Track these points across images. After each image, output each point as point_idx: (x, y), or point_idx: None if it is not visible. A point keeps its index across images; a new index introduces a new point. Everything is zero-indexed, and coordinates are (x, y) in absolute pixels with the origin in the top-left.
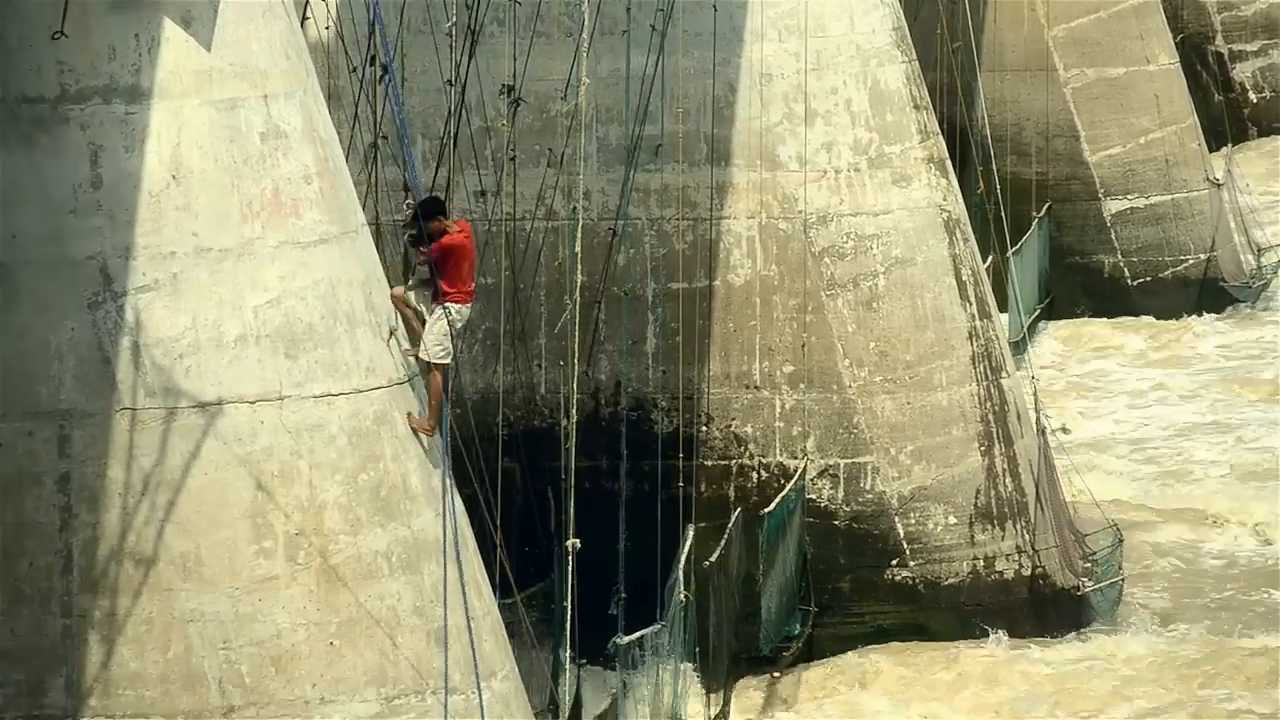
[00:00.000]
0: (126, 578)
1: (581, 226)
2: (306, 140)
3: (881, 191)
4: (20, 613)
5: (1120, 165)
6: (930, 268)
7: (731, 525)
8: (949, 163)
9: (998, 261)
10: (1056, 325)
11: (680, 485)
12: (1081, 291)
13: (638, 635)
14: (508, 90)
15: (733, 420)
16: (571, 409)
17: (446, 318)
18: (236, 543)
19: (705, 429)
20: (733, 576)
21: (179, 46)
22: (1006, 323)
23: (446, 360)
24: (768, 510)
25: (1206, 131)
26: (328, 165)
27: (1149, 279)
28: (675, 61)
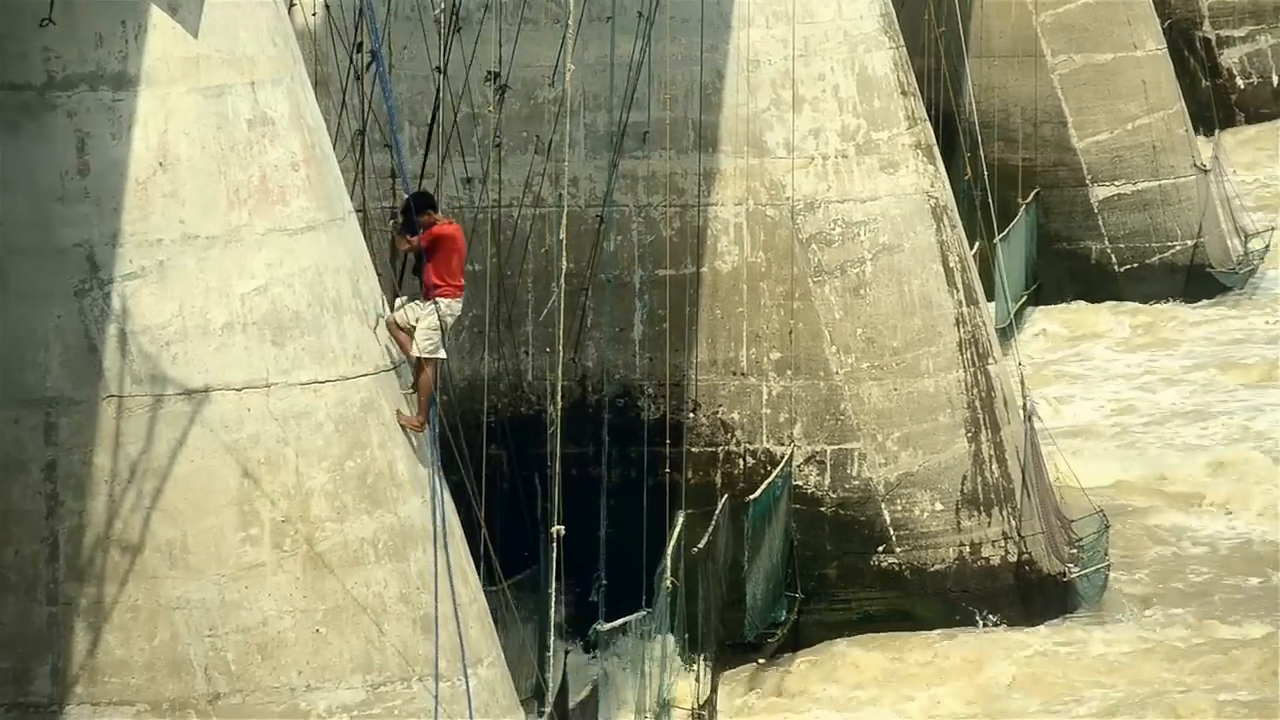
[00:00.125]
0: (113, 565)
1: (569, 213)
2: (294, 127)
3: (869, 178)
4: (6, 600)
5: (1108, 151)
6: (918, 254)
7: (719, 512)
8: (936, 149)
9: (985, 248)
10: (1043, 311)
11: (667, 472)
12: (1068, 278)
13: (620, 622)
14: (494, 77)
15: (720, 407)
16: (557, 395)
17: (437, 312)
18: (223, 530)
19: (692, 416)
20: (720, 563)
21: (166, 33)
22: (993, 309)
23: (438, 355)
24: (753, 497)
25: (1194, 117)
26: (315, 152)
27: (1136, 265)
28: (662, 48)
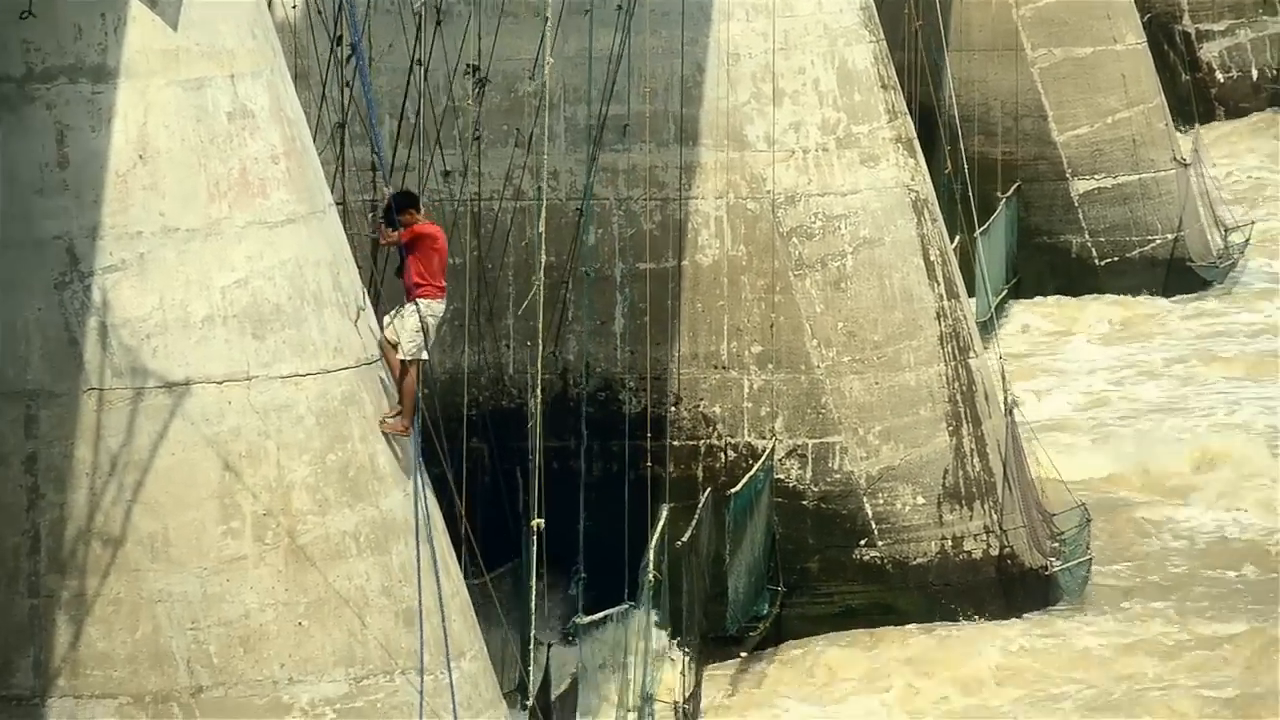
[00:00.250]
0: (94, 558)
1: (549, 207)
2: (274, 120)
3: (849, 171)
4: None
5: (1088, 145)
6: (898, 248)
7: (702, 506)
8: (917, 143)
9: (965, 242)
10: (1024, 305)
11: (648, 466)
12: (1049, 271)
13: (600, 615)
14: (473, 70)
15: (701, 400)
16: (536, 389)
17: (418, 313)
18: (204, 523)
19: (673, 409)
20: (703, 557)
21: (145, 26)
22: (974, 303)
23: (420, 356)
24: (734, 490)
25: (1174, 111)
26: (295, 145)
27: (1116, 259)
28: (642, 41)
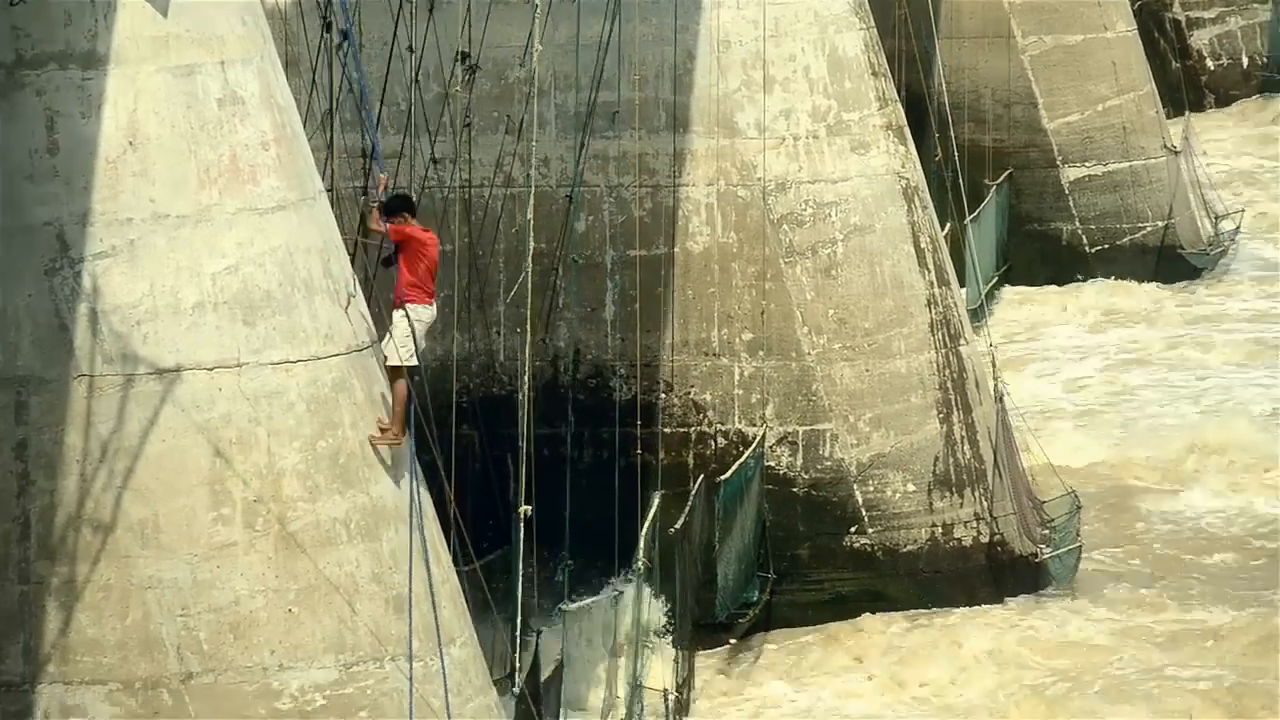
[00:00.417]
0: (84, 545)
1: (540, 193)
2: (264, 106)
3: (840, 159)
4: None
5: (1078, 132)
6: (889, 235)
7: (695, 493)
8: (907, 130)
9: (956, 229)
10: (1014, 292)
11: (639, 453)
12: (1039, 259)
13: (589, 601)
14: (463, 57)
15: (692, 388)
16: (525, 376)
17: (408, 319)
18: (194, 510)
19: (664, 396)
20: (696, 544)
21: (136, 12)
22: (965, 291)
23: (413, 362)
24: (724, 477)
25: (1164, 99)
26: (285, 132)
27: (1107, 246)
28: (633, 28)
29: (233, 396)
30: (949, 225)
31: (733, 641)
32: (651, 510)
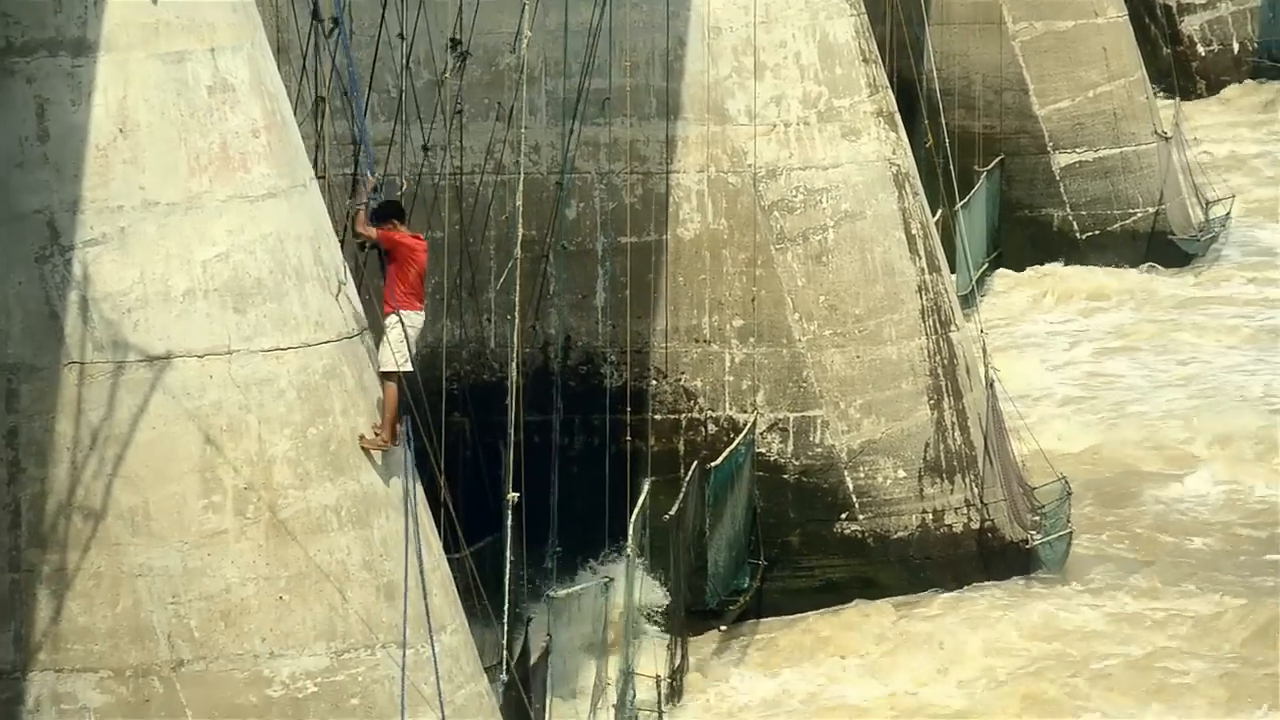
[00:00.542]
0: (75, 532)
1: (531, 180)
2: (254, 94)
3: (831, 145)
4: None
5: (1069, 119)
6: (880, 221)
7: (688, 479)
8: (898, 116)
9: (947, 215)
10: (1005, 278)
11: (629, 439)
12: (1030, 245)
13: (578, 589)
14: (453, 44)
15: (682, 374)
16: (514, 362)
17: (402, 325)
18: (185, 497)
19: (655, 383)
20: (689, 530)
21: None
22: (955, 277)
23: (407, 368)
24: (715, 464)
25: (1155, 85)
26: (276, 119)
27: (1098, 232)
28: (624, 14)
29: (223, 384)
30: (940, 212)
31: (723, 628)
32: (641, 497)
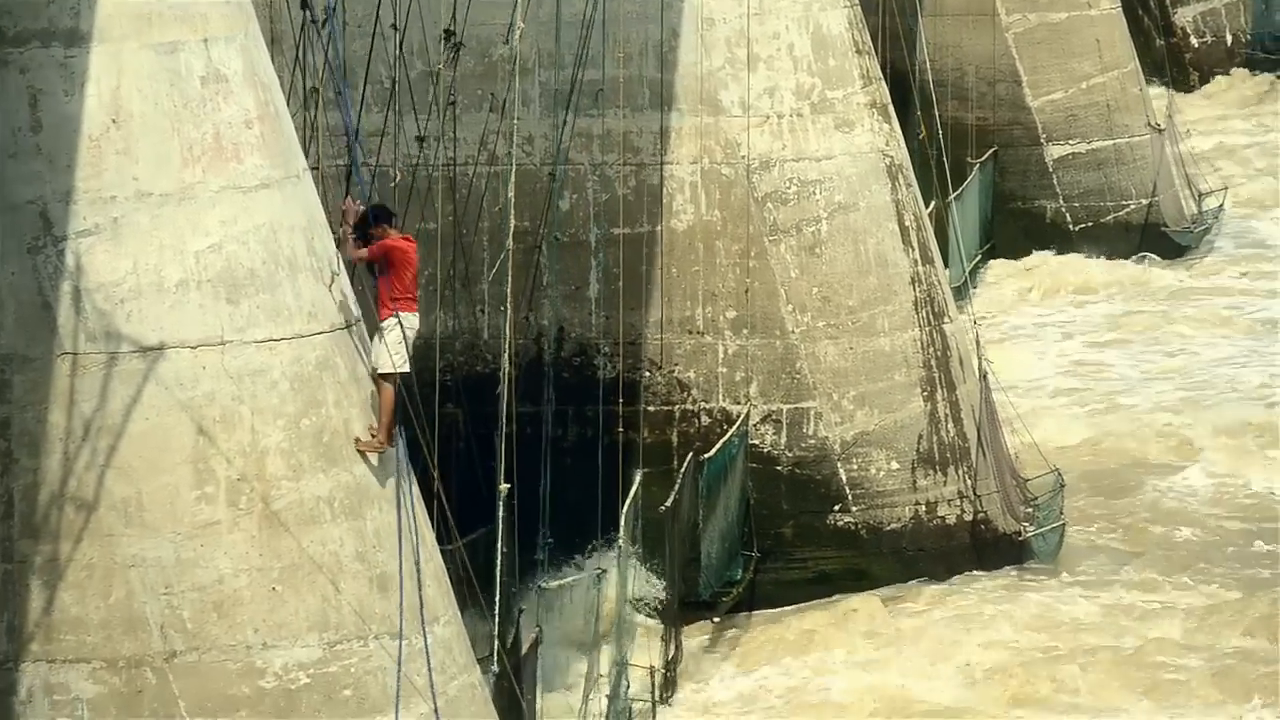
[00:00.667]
0: (68, 523)
1: (524, 171)
2: (247, 84)
3: (824, 137)
4: None
5: (1062, 110)
6: (873, 213)
7: (683, 471)
8: (891, 108)
9: (940, 207)
10: (998, 270)
11: (622, 431)
12: (1023, 236)
13: (570, 580)
14: (447, 35)
15: (676, 366)
16: (507, 354)
17: (400, 327)
18: (178, 488)
19: (648, 374)
20: (684, 522)
21: None
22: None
23: (405, 369)
24: (708, 456)
25: (1148, 76)
26: (269, 110)
27: (1091, 224)
28: (617, 5)
29: (216, 375)
30: (933, 203)
31: (716, 620)
32: (633, 488)
